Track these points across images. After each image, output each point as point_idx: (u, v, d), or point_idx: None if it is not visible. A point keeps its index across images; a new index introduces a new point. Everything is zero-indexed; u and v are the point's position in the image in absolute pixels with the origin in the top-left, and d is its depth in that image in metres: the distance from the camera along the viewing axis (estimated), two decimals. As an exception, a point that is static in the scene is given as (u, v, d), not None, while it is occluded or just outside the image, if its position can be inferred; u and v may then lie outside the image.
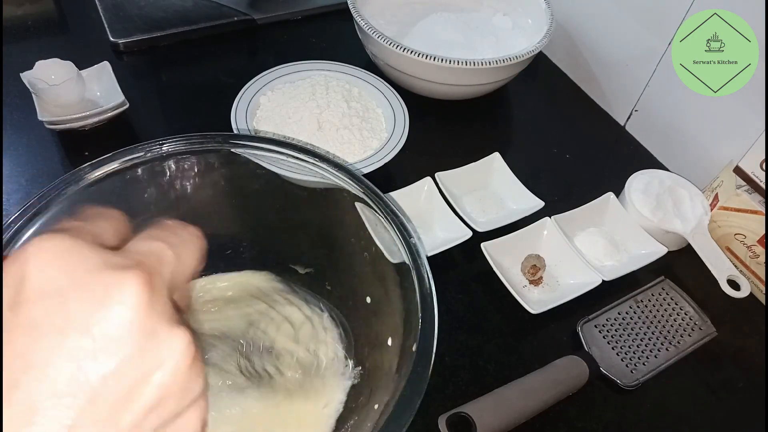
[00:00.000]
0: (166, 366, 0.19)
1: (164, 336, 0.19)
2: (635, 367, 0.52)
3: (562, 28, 0.81)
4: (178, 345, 0.19)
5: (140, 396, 0.18)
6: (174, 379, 0.19)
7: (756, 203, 0.58)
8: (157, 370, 0.19)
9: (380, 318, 0.43)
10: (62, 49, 0.69)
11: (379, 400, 0.37)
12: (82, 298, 0.18)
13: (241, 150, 0.44)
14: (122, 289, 0.18)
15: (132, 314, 0.18)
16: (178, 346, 0.19)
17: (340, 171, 0.42)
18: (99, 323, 0.18)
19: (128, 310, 0.18)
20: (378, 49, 0.70)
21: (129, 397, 0.18)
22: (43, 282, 0.18)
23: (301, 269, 0.50)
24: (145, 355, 0.19)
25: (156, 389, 0.19)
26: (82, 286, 0.18)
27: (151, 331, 0.19)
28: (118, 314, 0.18)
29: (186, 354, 0.19)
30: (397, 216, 0.40)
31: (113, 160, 0.40)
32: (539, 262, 0.57)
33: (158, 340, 0.19)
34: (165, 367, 0.19)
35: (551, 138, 0.75)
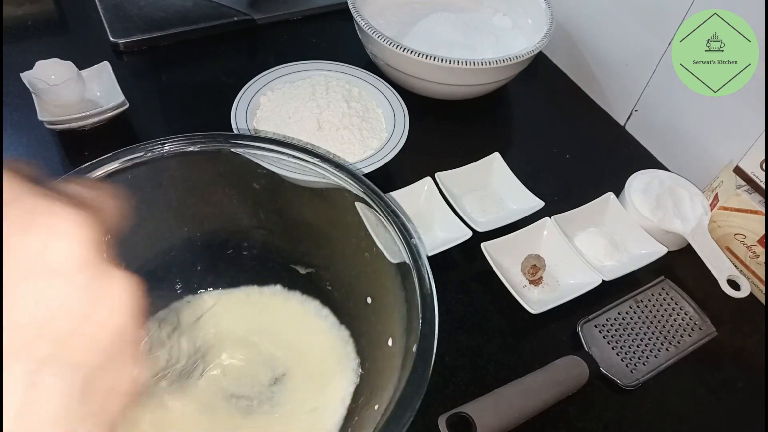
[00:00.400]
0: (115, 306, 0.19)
1: (114, 276, 0.19)
2: (635, 367, 0.52)
3: (562, 28, 0.81)
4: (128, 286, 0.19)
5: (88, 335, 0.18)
6: (122, 320, 0.19)
7: (756, 203, 0.58)
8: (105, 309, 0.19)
9: (381, 318, 0.43)
10: (62, 49, 0.69)
11: (379, 400, 0.37)
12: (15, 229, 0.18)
13: (242, 150, 0.44)
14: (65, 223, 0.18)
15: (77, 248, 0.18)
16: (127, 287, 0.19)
17: (341, 171, 0.43)
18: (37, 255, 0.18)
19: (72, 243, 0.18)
20: (378, 49, 0.70)
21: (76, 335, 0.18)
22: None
23: (302, 269, 0.50)
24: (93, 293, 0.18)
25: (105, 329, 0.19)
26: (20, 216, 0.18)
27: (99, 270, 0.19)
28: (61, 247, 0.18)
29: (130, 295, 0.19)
30: (398, 216, 0.40)
31: (113, 160, 0.40)
32: (539, 262, 0.57)
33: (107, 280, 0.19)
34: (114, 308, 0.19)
35: (551, 138, 0.75)
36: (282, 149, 0.43)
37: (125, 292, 0.19)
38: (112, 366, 0.19)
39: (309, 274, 0.50)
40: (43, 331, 0.18)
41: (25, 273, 0.17)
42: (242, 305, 0.50)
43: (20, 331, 0.17)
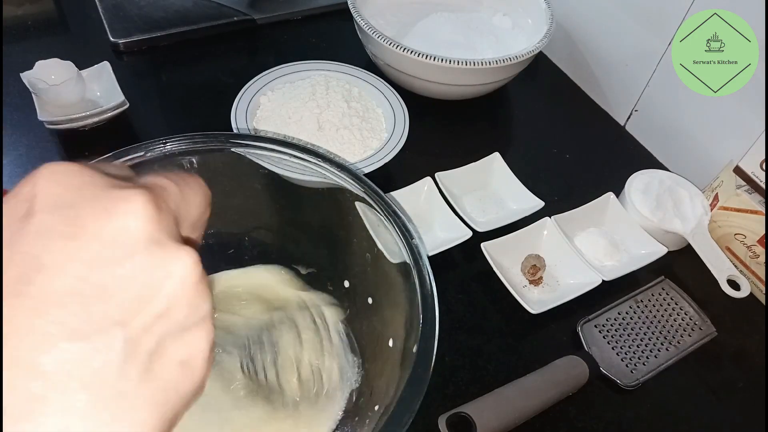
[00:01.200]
0: (175, 277, 0.20)
1: (173, 249, 0.20)
2: (635, 367, 0.52)
3: (562, 28, 0.81)
4: (187, 258, 0.20)
5: (149, 302, 0.19)
6: (182, 290, 0.20)
7: (756, 203, 0.58)
8: (166, 279, 0.19)
9: (381, 319, 0.43)
10: (62, 49, 0.69)
11: (379, 400, 0.37)
12: (92, 209, 0.19)
13: (243, 150, 0.44)
14: (130, 202, 0.19)
15: (140, 224, 0.19)
16: (187, 260, 0.20)
17: (342, 171, 0.42)
18: (109, 230, 0.19)
19: (136, 219, 0.19)
20: (378, 49, 0.70)
21: (138, 302, 0.19)
22: (53, 197, 0.19)
23: (303, 269, 0.50)
24: (155, 264, 0.19)
25: (165, 297, 0.19)
26: (91, 199, 0.19)
27: (160, 243, 0.20)
28: (127, 222, 0.19)
29: (194, 269, 0.20)
30: (399, 216, 0.40)
31: (114, 159, 0.40)
32: (539, 262, 0.57)
33: (167, 252, 0.20)
34: (174, 278, 0.20)
35: (551, 138, 0.75)
36: (283, 149, 0.43)
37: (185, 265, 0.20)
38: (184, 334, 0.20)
39: (310, 274, 0.50)
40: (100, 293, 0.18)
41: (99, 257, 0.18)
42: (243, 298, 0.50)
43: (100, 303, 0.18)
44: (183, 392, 0.20)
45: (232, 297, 0.49)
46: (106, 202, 0.19)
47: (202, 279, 0.21)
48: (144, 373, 0.19)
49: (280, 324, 0.47)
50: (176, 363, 0.20)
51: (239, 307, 0.49)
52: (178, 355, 0.20)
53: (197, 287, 0.20)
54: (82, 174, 0.20)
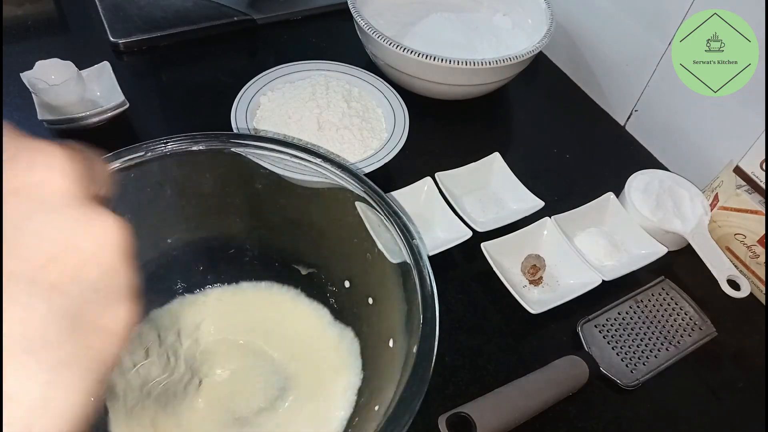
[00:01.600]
0: (102, 241, 0.19)
1: (103, 215, 0.19)
2: (635, 367, 0.52)
3: (562, 28, 0.81)
4: (117, 226, 0.19)
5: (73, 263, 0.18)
6: (104, 254, 0.19)
7: (756, 203, 0.58)
8: (92, 242, 0.19)
9: (382, 319, 0.43)
10: (62, 49, 0.69)
11: (379, 401, 0.37)
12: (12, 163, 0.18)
13: (243, 149, 0.44)
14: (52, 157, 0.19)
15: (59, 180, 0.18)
16: (116, 227, 0.19)
17: (342, 171, 0.43)
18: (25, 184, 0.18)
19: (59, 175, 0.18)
20: (378, 49, 0.70)
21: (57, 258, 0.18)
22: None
23: (303, 270, 0.50)
24: (81, 225, 0.18)
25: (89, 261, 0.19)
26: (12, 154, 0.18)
27: (88, 206, 0.19)
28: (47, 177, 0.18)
29: (119, 234, 0.19)
30: (400, 217, 0.40)
31: (114, 159, 0.40)
32: (539, 262, 0.57)
33: (95, 216, 0.19)
34: (100, 242, 0.19)
35: (551, 138, 0.75)
36: (283, 149, 0.43)
37: (113, 230, 0.19)
38: (101, 302, 0.19)
39: (310, 275, 0.50)
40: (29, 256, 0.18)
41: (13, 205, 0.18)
42: (243, 305, 0.50)
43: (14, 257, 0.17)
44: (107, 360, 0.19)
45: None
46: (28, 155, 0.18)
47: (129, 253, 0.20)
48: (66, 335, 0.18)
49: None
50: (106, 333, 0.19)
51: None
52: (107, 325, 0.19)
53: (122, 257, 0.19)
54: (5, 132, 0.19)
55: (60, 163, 0.19)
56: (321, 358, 0.47)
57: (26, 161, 0.18)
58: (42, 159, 0.18)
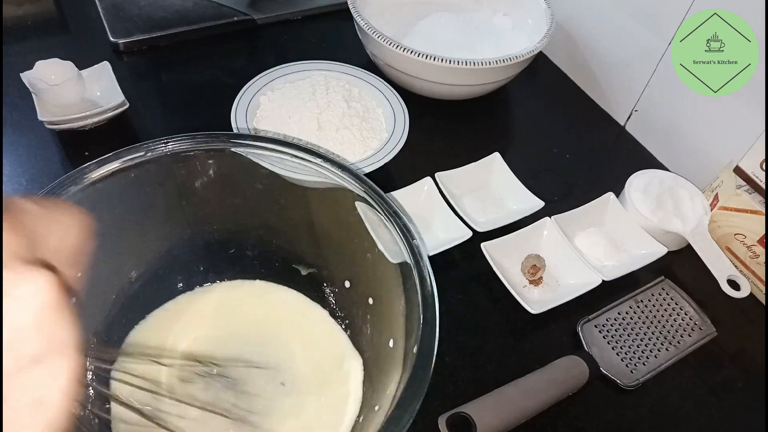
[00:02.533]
0: (24, 301, 0.18)
1: (21, 273, 0.18)
2: (635, 367, 0.52)
3: (562, 28, 0.81)
4: (40, 281, 0.18)
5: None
6: (33, 317, 0.18)
7: (756, 203, 0.58)
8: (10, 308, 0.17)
9: (382, 319, 0.43)
10: (62, 49, 0.69)
11: (380, 401, 0.37)
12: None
13: (244, 149, 0.44)
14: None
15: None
16: (39, 282, 0.18)
17: (343, 171, 0.43)
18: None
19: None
20: (378, 49, 0.70)
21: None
22: None
23: (304, 270, 0.50)
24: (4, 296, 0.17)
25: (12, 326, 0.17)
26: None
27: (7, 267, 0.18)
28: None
29: (48, 292, 0.18)
30: (400, 217, 0.40)
31: (115, 159, 0.40)
32: (539, 262, 0.57)
33: (15, 277, 0.18)
34: (22, 303, 0.18)
35: (551, 138, 0.76)
36: (283, 149, 0.43)
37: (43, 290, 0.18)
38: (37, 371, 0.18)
39: (310, 275, 0.50)
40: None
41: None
42: (243, 303, 0.50)
43: None
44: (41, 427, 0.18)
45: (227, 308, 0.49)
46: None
47: (61, 306, 0.18)
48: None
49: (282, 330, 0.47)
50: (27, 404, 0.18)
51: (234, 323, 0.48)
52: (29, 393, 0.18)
53: (53, 314, 0.18)
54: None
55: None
56: (321, 358, 0.47)
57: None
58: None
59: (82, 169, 0.39)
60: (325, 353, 0.48)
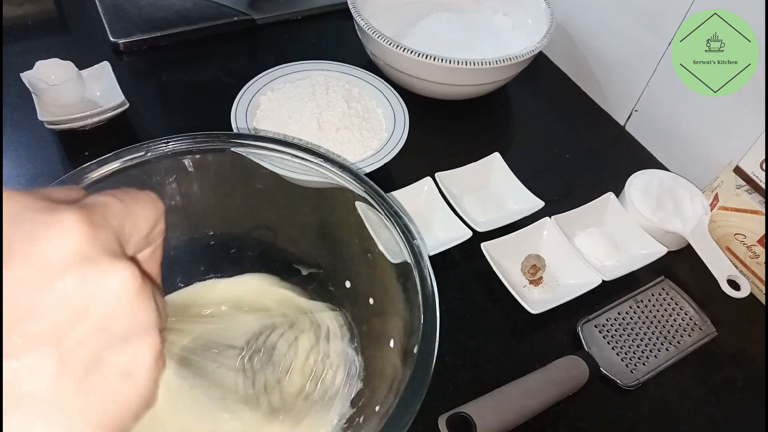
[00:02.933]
0: (110, 291, 0.20)
1: (107, 264, 0.20)
2: (635, 367, 0.52)
3: (562, 28, 0.81)
4: (123, 272, 0.20)
5: (84, 318, 0.19)
6: (119, 303, 0.20)
7: (756, 203, 0.58)
8: (101, 294, 0.20)
9: (383, 319, 0.43)
10: (62, 49, 0.69)
11: (380, 401, 0.37)
12: (21, 236, 0.19)
13: (244, 150, 0.44)
14: (57, 225, 0.19)
15: (71, 244, 0.19)
16: (122, 273, 0.20)
17: (343, 171, 0.42)
18: (37, 254, 0.19)
19: (66, 240, 0.19)
20: (378, 49, 0.70)
21: (72, 319, 0.19)
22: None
23: (304, 270, 0.50)
24: (88, 281, 0.19)
25: (100, 312, 0.20)
26: (21, 226, 0.19)
27: (93, 259, 0.20)
28: (54, 245, 0.19)
29: (131, 281, 0.20)
30: (401, 217, 0.40)
31: (115, 159, 0.40)
32: (539, 262, 0.57)
33: (100, 267, 0.20)
34: (109, 292, 0.20)
35: (551, 138, 0.76)
36: (284, 149, 0.43)
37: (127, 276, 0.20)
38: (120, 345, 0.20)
39: (311, 275, 0.50)
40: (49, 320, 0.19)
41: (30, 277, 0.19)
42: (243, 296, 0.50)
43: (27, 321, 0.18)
44: (126, 403, 0.20)
45: (228, 305, 0.49)
46: (35, 227, 0.19)
47: (142, 290, 0.21)
48: (80, 386, 0.19)
49: (280, 328, 0.47)
50: (117, 374, 0.20)
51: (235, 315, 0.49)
52: (118, 366, 0.20)
53: (136, 299, 0.21)
54: (15, 201, 0.20)
55: (69, 230, 0.19)
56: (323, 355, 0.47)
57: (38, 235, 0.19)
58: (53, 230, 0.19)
59: (82, 169, 0.39)
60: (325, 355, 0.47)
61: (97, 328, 0.20)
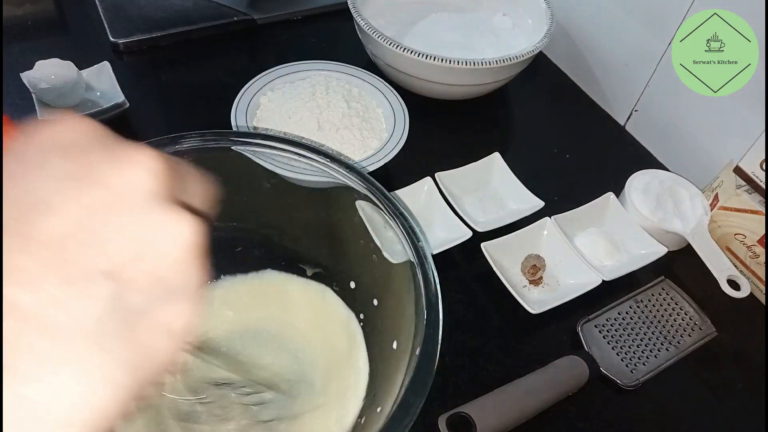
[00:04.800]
0: (176, 240, 0.19)
1: (178, 214, 0.20)
2: (635, 367, 0.52)
3: (562, 28, 0.81)
4: (191, 226, 0.20)
5: (144, 260, 0.19)
6: (180, 256, 0.20)
7: (756, 203, 0.58)
8: (167, 240, 0.19)
9: (386, 320, 0.43)
10: (62, 49, 0.69)
11: (381, 402, 0.37)
12: (104, 156, 0.19)
13: (248, 148, 0.44)
14: (142, 157, 0.19)
15: (150, 180, 0.19)
16: (190, 226, 0.20)
17: (350, 171, 0.42)
18: (117, 179, 0.19)
19: (147, 174, 0.19)
20: (378, 49, 0.70)
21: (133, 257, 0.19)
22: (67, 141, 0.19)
23: (309, 270, 0.50)
24: (158, 222, 0.19)
25: (161, 258, 0.19)
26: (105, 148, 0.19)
27: (164, 204, 0.19)
28: (136, 175, 0.19)
29: (195, 237, 0.20)
30: (406, 219, 0.40)
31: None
32: (539, 262, 0.57)
33: (172, 215, 0.19)
34: (174, 241, 0.19)
35: (551, 138, 0.76)
36: (291, 148, 0.43)
37: (190, 230, 0.20)
38: (168, 299, 0.20)
39: (316, 275, 0.50)
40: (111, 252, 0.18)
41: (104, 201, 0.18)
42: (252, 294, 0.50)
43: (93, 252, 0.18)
44: (159, 360, 0.20)
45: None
46: (118, 152, 0.19)
47: (199, 252, 0.20)
48: (126, 332, 0.18)
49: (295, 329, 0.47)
50: (160, 329, 0.20)
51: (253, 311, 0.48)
52: (163, 321, 0.20)
53: (195, 256, 0.20)
54: (99, 128, 0.20)
55: (149, 166, 0.19)
56: (330, 358, 0.47)
57: (121, 161, 0.19)
58: (135, 160, 0.19)
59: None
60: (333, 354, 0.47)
61: (155, 274, 0.19)
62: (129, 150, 0.19)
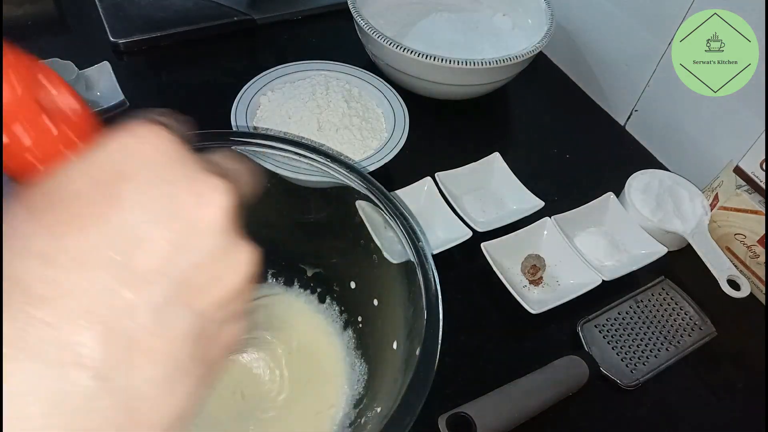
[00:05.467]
0: (240, 270, 0.21)
1: (242, 245, 0.21)
2: (635, 367, 0.52)
3: (562, 28, 0.81)
4: (251, 255, 0.21)
5: (215, 290, 0.20)
6: (243, 283, 0.21)
7: (756, 203, 0.58)
8: (232, 270, 0.21)
9: (386, 321, 0.43)
10: (62, 49, 0.69)
11: (382, 403, 0.37)
12: (188, 190, 0.20)
13: (247, 148, 0.44)
14: (218, 192, 0.20)
15: (222, 216, 0.20)
16: (252, 256, 0.21)
17: (350, 171, 0.42)
18: (193, 215, 0.20)
19: (220, 211, 0.20)
20: (378, 49, 0.70)
21: (205, 287, 0.20)
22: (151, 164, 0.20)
23: (310, 270, 0.50)
24: (226, 256, 0.20)
25: (229, 288, 0.21)
26: (186, 179, 0.20)
27: (233, 237, 0.21)
28: (212, 212, 0.20)
29: (255, 265, 0.21)
30: (406, 219, 0.40)
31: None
32: (539, 262, 0.57)
33: (237, 247, 0.21)
34: (239, 271, 0.21)
35: (551, 138, 0.76)
36: (292, 148, 0.43)
37: (248, 260, 0.21)
38: (226, 320, 0.21)
39: (316, 275, 0.50)
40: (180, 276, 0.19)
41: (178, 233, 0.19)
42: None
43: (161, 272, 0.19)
44: (220, 372, 0.22)
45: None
46: (199, 186, 0.20)
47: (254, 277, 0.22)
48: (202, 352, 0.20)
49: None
50: (222, 347, 0.22)
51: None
52: (225, 340, 0.22)
53: (251, 281, 0.22)
54: (176, 145, 0.20)
55: (223, 202, 0.20)
56: (325, 358, 0.47)
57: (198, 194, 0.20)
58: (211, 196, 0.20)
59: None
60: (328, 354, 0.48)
61: (221, 303, 0.20)
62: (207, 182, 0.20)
